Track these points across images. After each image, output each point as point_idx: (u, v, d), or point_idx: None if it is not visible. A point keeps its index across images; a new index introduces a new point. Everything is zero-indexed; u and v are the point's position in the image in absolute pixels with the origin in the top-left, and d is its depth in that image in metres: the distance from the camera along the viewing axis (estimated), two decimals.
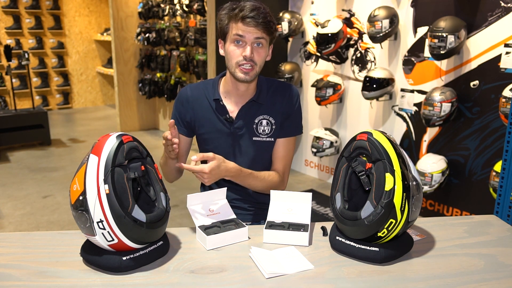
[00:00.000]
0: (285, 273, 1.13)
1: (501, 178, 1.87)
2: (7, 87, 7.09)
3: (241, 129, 1.55)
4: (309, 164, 4.52)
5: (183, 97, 1.60)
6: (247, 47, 1.42)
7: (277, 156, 1.59)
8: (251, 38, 1.41)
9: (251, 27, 1.39)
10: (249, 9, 1.39)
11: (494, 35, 2.81)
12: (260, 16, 1.39)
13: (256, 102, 1.55)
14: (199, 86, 1.60)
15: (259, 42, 1.43)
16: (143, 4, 5.75)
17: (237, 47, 1.43)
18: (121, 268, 1.13)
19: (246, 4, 1.40)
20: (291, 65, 4.20)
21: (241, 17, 1.39)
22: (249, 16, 1.38)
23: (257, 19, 1.38)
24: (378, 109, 3.71)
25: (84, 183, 1.10)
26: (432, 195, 3.31)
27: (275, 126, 1.56)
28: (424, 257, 1.23)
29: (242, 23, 1.40)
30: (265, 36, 1.43)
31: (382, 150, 1.17)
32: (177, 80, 5.55)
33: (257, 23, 1.39)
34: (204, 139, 1.61)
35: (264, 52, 1.46)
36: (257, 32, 1.41)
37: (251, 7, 1.39)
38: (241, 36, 1.41)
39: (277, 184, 1.57)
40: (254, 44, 1.43)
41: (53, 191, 4.02)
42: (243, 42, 1.43)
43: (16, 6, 7.06)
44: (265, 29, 1.41)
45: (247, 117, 1.55)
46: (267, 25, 1.40)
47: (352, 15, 3.78)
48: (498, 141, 2.87)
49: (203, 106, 1.57)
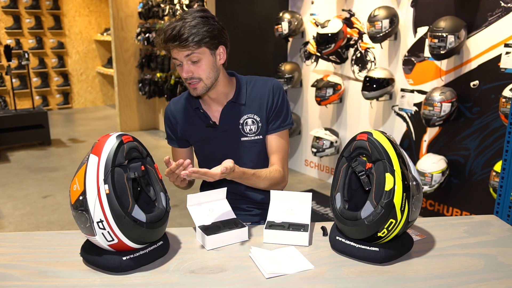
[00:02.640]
0: (285, 273, 1.13)
1: (501, 178, 1.87)
2: (7, 87, 7.09)
3: (227, 132, 1.56)
4: (309, 164, 4.52)
5: (168, 114, 1.64)
6: (183, 67, 1.43)
7: (272, 151, 1.59)
8: (182, 57, 1.41)
9: (175, 48, 1.40)
10: (169, 30, 1.37)
11: (494, 35, 2.81)
12: (179, 35, 1.36)
13: (236, 103, 1.55)
14: (181, 99, 1.64)
15: (192, 58, 1.41)
16: (143, 4, 5.75)
17: (179, 68, 1.45)
18: (121, 268, 1.13)
19: (169, 25, 1.38)
20: (291, 65, 4.20)
21: (165, 41, 1.39)
22: (169, 38, 1.37)
23: (177, 39, 1.36)
24: (378, 109, 3.71)
25: (84, 183, 1.10)
26: (432, 195, 3.31)
27: (261, 124, 1.56)
28: (424, 257, 1.23)
29: (169, 46, 1.40)
30: (194, 51, 1.39)
31: (382, 150, 1.17)
32: (177, 80, 5.55)
33: (179, 43, 1.37)
34: (198, 147, 1.64)
35: (204, 64, 1.43)
36: (184, 51, 1.39)
37: (172, 27, 1.37)
38: (175, 58, 1.43)
39: (280, 180, 1.57)
40: (189, 61, 1.42)
41: (53, 191, 4.02)
42: (180, 62, 1.43)
43: (16, 6, 7.06)
44: (190, 45, 1.37)
45: (231, 119, 1.56)
46: (188, 41, 1.36)
47: (352, 15, 3.78)
48: (498, 141, 2.87)
49: (187, 117, 1.60)
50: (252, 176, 1.47)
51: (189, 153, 1.70)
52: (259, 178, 1.50)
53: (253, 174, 1.47)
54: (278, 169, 1.56)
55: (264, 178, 1.51)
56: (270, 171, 1.54)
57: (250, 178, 1.47)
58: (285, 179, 1.61)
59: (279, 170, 1.57)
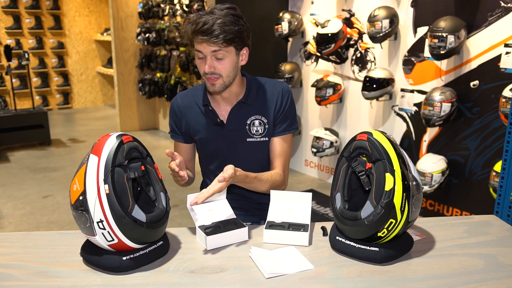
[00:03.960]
0: (285, 273, 1.13)
1: (501, 178, 1.87)
2: (7, 87, 7.09)
3: (233, 132, 1.56)
4: (309, 164, 4.52)
5: (174, 107, 1.61)
6: (207, 61, 1.41)
7: (274, 155, 1.59)
8: (208, 52, 1.40)
9: (204, 42, 1.38)
10: (201, 23, 1.35)
11: (494, 35, 2.81)
12: (211, 30, 1.34)
13: (245, 103, 1.55)
14: (188, 93, 1.62)
15: (217, 55, 1.40)
16: (143, 4, 5.75)
17: (200, 61, 1.44)
18: (121, 268, 1.13)
19: (200, 17, 1.37)
20: (291, 65, 4.20)
21: (194, 32, 1.37)
22: (200, 31, 1.36)
23: (208, 34, 1.35)
24: (378, 109, 3.71)
25: (84, 183, 1.10)
26: (432, 195, 3.31)
27: (268, 126, 1.56)
28: (424, 257, 1.23)
29: (196, 38, 1.38)
30: (222, 48, 1.39)
31: (382, 150, 1.17)
32: (177, 80, 5.55)
33: (209, 38, 1.35)
34: (201, 144, 1.62)
35: (227, 62, 1.42)
36: (212, 46, 1.38)
37: (203, 21, 1.35)
38: (199, 51, 1.41)
39: (280, 183, 1.57)
40: (213, 57, 1.41)
41: (53, 191, 4.02)
42: (203, 56, 1.42)
43: (16, 6, 7.06)
44: (220, 42, 1.37)
45: (239, 119, 1.55)
46: (219, 38, 1.36)
47: (352, 15, 3.78)
48: (498, 141, 2.87)
49: (194, 112, 1.59)
50: (254, 180, 1.46)
51: (192, 150, 1.68)
52: (261, 181, 1.49)
53: (255, 177, 1.47)
54: (279, 173, 1.56)
55: (265, 181, 1.51)
56: (271, 174, 1.54)
57: (253, 181, 1.46)
58: (285, 182, 1.61)
59: (280, 174, 1.57)
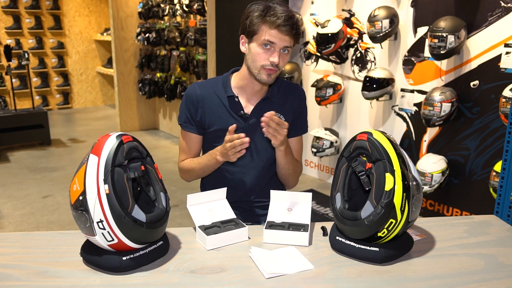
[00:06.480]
0: (285, 273, 1.13)
1: (501, 178, 1.87)
2: (7, 87, 7.08)
3: (254, 126, 1.57)
4: (309, 164, 4.52)
5: (192, 96, 1.58)
6: (275, 54, 1.43)
7: None
8: (281, 45, 1.43)
9: (284, 35, 1.41)
10: (284, 18, 1.39)
11: (494, 35, 2.81)
12: (294, 26, 1.41)
13: (269, 100, 1.59)
14: (207, 84, 1.61)
15: (287, 49, 1.46)
16: (143, 4, 5.75)
17: (264, 51, 1.44)
18: (121, 268, 1.13)
19: (280, 11, 1.40)
20: (291, 65, 4.20)
21: (277, 25, 1.39)
22: (285, 25, 1.39)
23: (292, 29, 1.41)
24: (378, 109, 3.71)
25: (84, 183, 1.10)
26: (432, 195, 3.31)
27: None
28: (424, 257, 1.23)
29: (276, 30, 1.40)
30: (292, 44, 1.46)
31: (382, 150, 1.17)
32: (177, 80, 5.55)
33: (291, 33, 1.41)
34: (216, 137, 1.58)
35: (287, 58, 1.49)
36: (289, 41, 1.43)
37: (286, 15, 1.39)
38: (271, 43, 1.42)
39: (298, 173, 1.68)
40: (281, 50, 1.45)
41: (53, 191, 4.02)
42: (272, 48, 1.44)
43: (16, 6, 7.06)
44: (296, 38, 1.45)
45: (261, 114, 1.53)
46: (298, 35, 1.45)
47: (352, 15, 3.78)
48: (498, 141, 2.87)
49: (213, 104, 1.57)
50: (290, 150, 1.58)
51: (202, 143, 1.66)
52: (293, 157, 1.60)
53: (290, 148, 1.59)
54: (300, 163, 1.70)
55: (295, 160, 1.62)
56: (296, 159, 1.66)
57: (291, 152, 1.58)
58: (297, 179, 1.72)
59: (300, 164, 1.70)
